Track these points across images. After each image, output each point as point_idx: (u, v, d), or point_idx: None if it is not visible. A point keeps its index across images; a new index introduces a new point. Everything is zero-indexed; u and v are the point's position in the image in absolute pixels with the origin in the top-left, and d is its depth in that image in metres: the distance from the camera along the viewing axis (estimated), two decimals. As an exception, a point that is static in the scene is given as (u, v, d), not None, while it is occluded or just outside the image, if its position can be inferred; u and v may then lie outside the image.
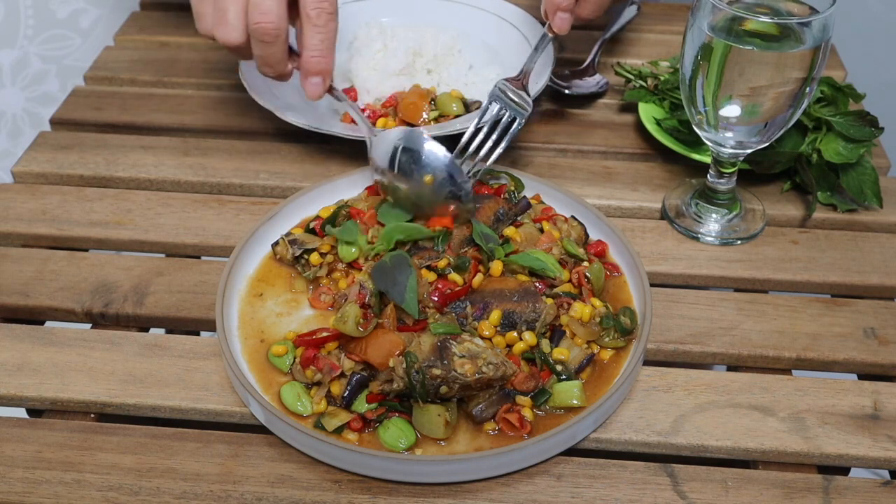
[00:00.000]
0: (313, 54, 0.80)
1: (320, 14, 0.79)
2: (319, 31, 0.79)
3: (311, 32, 0.80)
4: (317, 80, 0.82)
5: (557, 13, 0.88)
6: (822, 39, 0.74)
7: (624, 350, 0.73)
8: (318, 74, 0.82)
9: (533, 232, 0.79)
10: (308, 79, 0.82)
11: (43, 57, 1.45)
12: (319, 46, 0.80)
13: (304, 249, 0.79)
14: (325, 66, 0.81)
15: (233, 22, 0.79)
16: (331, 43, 0.81)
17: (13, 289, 0.82)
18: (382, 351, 0.68)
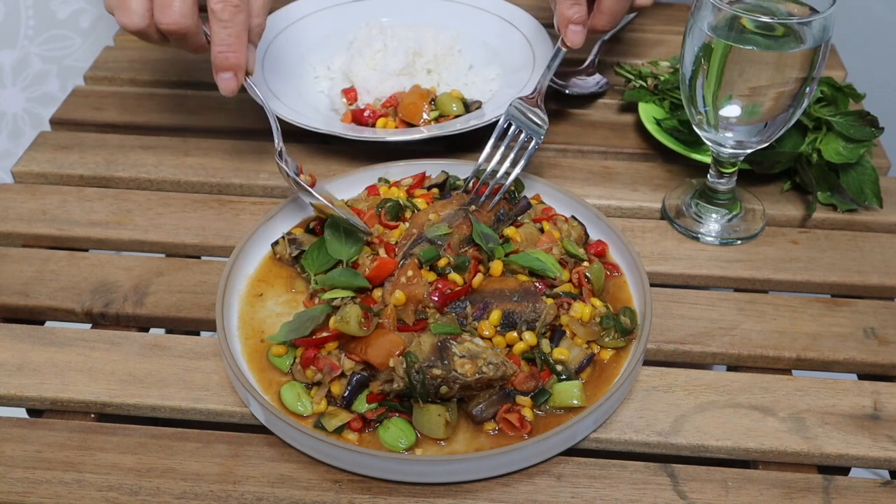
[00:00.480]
0: (220, 49, 0.79)
1: (224, 8, 0.77)
2: (225, 26, 0.78)
3: (216, 27, 0.78)
4: (227, 75, 0.80)
5: (570, 26, 0.86)
6: (822, 39, 0.73)
7: (624, 350, 0.73)
8: (228, 70, 0.80)
9: (533, 232, 0.79)
10: (218, 74, 0.80)
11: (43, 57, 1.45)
12: (227, 41, 0.78)
13: (302, 250, 0.79)
14: (235, 60, 0.79)
15: (134, 7, 0.77)
16: (239, 37, 0.79)
17: (13, 289, 0.82)
18: (383, 351, 0.68)
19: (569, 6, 0.85)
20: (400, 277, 0.72)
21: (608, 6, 0.87)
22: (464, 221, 0.77)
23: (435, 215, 0.78)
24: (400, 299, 0.71)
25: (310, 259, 0.78)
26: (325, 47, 1.08)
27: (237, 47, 0.79)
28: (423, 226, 0.77)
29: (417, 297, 0.71)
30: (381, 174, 0.88)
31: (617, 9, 0.87)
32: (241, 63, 0.80)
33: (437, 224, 0.77)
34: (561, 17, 0.86)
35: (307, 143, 0.98)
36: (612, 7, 0.87)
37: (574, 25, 0.86)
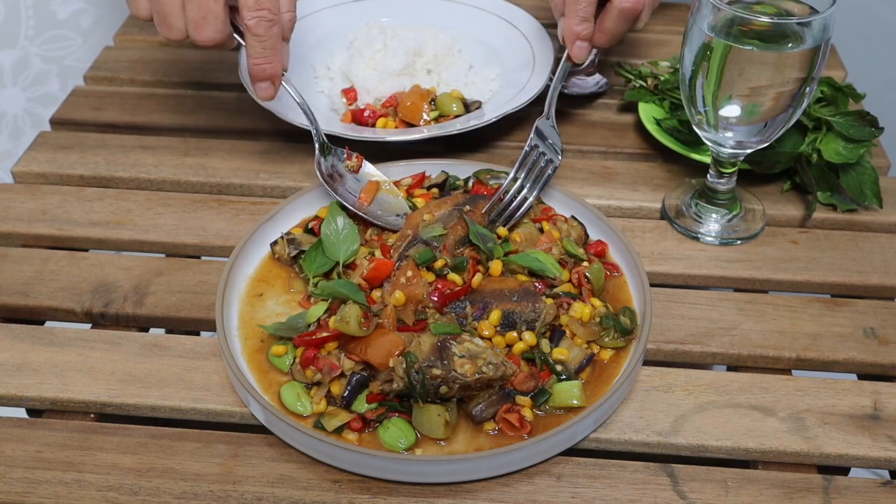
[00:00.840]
0: (257, 62, 0.80)
1: (259, 23, 0.78)
2: (261, 41, 0.79)
3: (251, 42, 0.79)
4: (265, 84, 0.82)
5: (577, 42, 0.88)
6: (822, 39, 0.73)
7: (624, 350, 0.73)
8: (265, 80, 0.82)
9: (533, 232, 0.79)
10: (256, 84, 0.82)
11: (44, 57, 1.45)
12: (263, 53, 0.80)
13: (301, 250, 0.79)
14: (272, 70, 0.81)
15: (176, 25, 0.80)
16: (274, 48, 0.80)
17: (13, 289, 0.82)
18: (382, 351, 0.68)
19: (578, 22, 0.87)
20: (399, 278, 0.72)
21: (609, 27, 0.88)
22: (458, 222, 0.77)
23: (430, 216, 0.78)
24: (400, 300, 0.70)
25: (308, 260, 0.78)
26: (325, 47, 1.08)
27: (273, 58, 0.81)
28: (418, 226, 0.77)
29: (417, 297, 0.71)
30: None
31: (617, 30, 0.88)
32: (278, 72, 0.82)
33: (431, 225, 0.77)
34: (569, 32, 0.88)
35: (307, 143, 0.98)
36: (613, 28, 0.88)
37: (581, 42, 0.88)
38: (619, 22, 0.87)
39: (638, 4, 0.86)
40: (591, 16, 0.87)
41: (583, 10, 0.87)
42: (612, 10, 0.87)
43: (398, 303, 0.71)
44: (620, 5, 0.86)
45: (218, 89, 1.09)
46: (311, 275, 0.77)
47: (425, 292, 0.71)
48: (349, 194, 0.83)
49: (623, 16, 0.87)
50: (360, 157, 0.85)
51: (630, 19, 0.87)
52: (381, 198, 0.83)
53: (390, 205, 0.83)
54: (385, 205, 0.82)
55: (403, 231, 0.78)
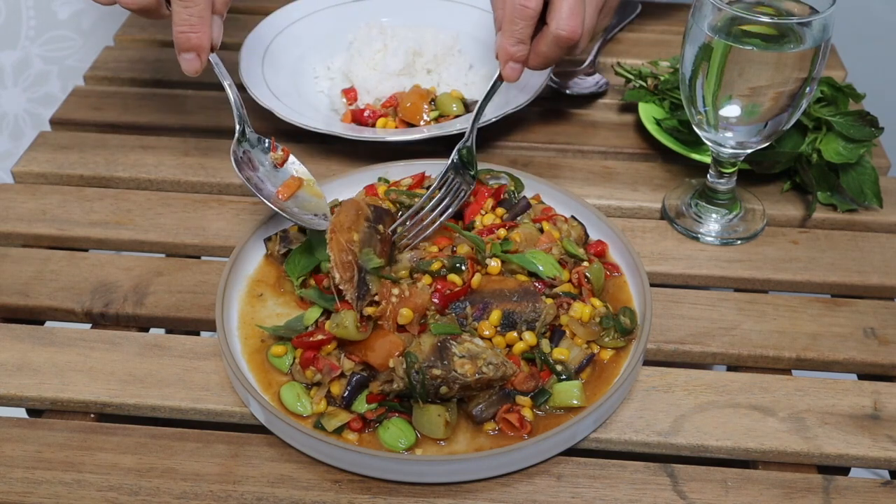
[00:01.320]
0: (182, 29, 0.77)
1: None
2: (186, 6, 0.76)
3: (177, 7, 0.77)
4: (190, 55, 0.79)
5: (509, 63, 0.85)
6: (822, 39, 0.73)
7: (624, 350, 0.73)
8: (190, 50, 0.79)
9: (532, 232, 0.78)
10: (181, 55, 0.79)
11: (44, 58, 1.45)
12: (188, 21, 0.77)
13: (290, 248, 0.79)
14: (197, 41, 0.78)
15: None
16: (201, 17, 0.77)
17: (13, 289, 0.82)
18: (382, 352, 0.68)
19: (513, 43, 0.84)
20: (390, 299, 0.71)
21: (543, 51, 0.85)
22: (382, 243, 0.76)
23: (355, 233, 0.74)
24: (408, 316, 0.70)
25: (291, 263, 0.78)
26: (325, 47, 1.08)
27: (199, 27, 0.77)
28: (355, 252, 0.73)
29: (423, 306, 0.70)
30: (380, 174, 0.88)
31: (551, 55, 0.85)
32: (204, 44, 0.79)
33: (365, 250, 0.74)
34: (503, 51, 0.85)
35: (307, 143, 0.98)
36: (547, 53, 0.85)
37: (514, 63, 0.85)
38: (554, 48, 0.85)
39: (574, 34, 0.83)
40: (527, 38, 0.84)
41: (519, 32, 0.84)
42: (549, 35, 0.84)
43: (406, 320, 0.70)
44: (556, 33, 0.83)
45: (218, 89, 1.08)
46: (293, 277, 0.77)
47: (428, 298, 0.71)
48: (266, 186, 0.78)
49: (558, 43, 0.84)
50: (286, 151, 0.82)
51: (565, 48, 0.85)
52: (301, 195, 0.79)
53: (309, 203, 0.79)
54: (304, 202, 0.78)
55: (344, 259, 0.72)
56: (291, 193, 0.78)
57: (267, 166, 0.80)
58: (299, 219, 0.76)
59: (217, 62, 0.81)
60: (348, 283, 0.71)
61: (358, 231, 0.74)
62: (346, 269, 0.71)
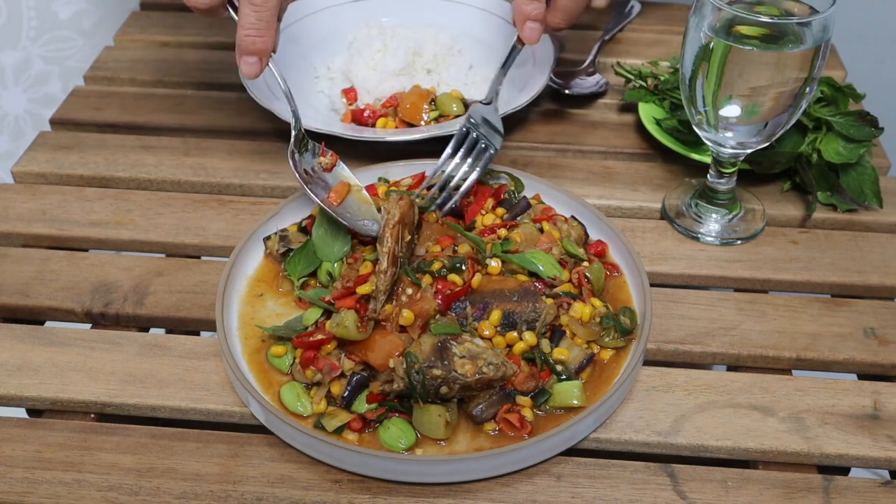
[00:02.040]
0: (248, 33, 0.77)
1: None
2: (256, 10, 0.76)
3: (246, 11, 0.76)
4: (252, 59, 0.79)
5: (527, 23, 0.84)
6: (822, 39, 0.73)
7: (624, 350, 0.73)
8: (253, 55, 0.78)
9: (533, 232, 0.78)
10: (242, 58, 0.79)
11: (45, 58, 1.45)
12: (256, 25, 0.76)
13: (289, 248, 0.79)
14: (262, 45, 0.78)
15: None
16: (269, 22, 0.77)
17: (13, 289, 0.82)
18: (383, 352, 0.68)
19: (527, 2, 0.83)
20: (401, 297, 0.71)
21: (563, 4, 0.85)
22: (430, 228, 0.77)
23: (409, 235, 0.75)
24: (409, 319, 0.70)
25: (292, 263, 0.78)
26: (325, 47, 1.08)
27: (266, 32, 0.77)
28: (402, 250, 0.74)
29: (427, 312, 0.70)
30: (381, 174, 0.88)
31: (572, 7, 0.85)
32: (268, 48, 0.78)
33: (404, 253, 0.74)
34: (518, 13, 0.84)
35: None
36: (568, 5, 0.84)
37: (532, 22, 0.84)
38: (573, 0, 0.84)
39: None
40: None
41: None
42: None
43: (408, 322, 0.70)
44: None
45: (218, 89, 1.09)
46: (294, 278, 0.77)
47: (434, 305, 0.71)
48: (320, 191, 0.79)
49: None
50: (335, 156, 0.82)
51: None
52: (351, 201, 0.79)
53: (360, 210, 0.79)
54: (353, 209, 0.79)
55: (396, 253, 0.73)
56: (342, 198, 0.78)
57: (316, 170, 0.81)
58: (353, 224, 0.77)
59: (273, 63, 0.82)
60: (386, 275, 0.71)
61: (410, 233, 0.75)
62: (392, 263, 0.72)
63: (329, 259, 0.77)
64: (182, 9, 1.24)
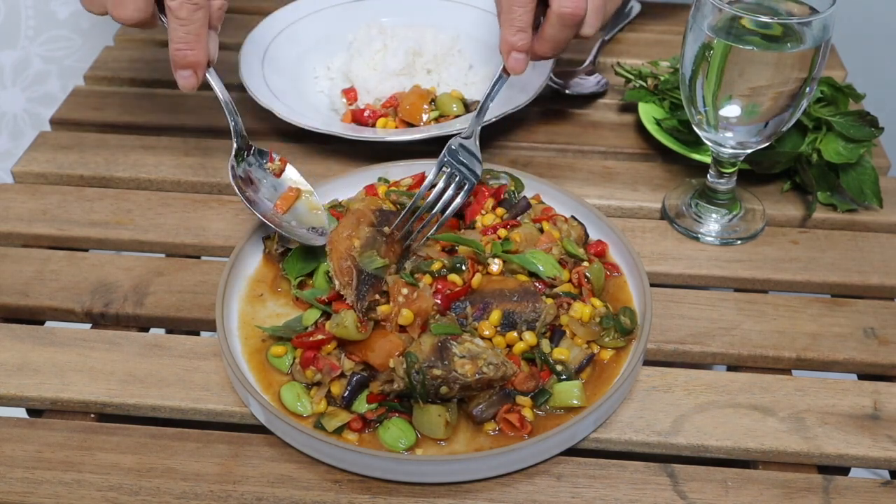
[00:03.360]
0: (178, 47, 0.76)
1: (182, 6, 0.75)
2: (183, 24, 0.75)
3: (173, 24, 0.76)
4: (186, 73, 0.78)
5: (512, 54, 0.82)
6: (822, 39, 0.73)
7: (624, 350, 0.73)
8: (186, 68, 0.78)
9: (533, 232, 0.78)
10: (177, 71, 0.78)
11: (44, 57, 1.45)
12: (185, 38, 0.76)
13: (288, 248, 0.79)
14: (194, 58, 0.77)
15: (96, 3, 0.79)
16: (198, 35, 0.76)
17: (13, 289, 0.82)
18: (383, 352, 0.68)
19: (513, 32, 0.81)
20: (397, 297, 0.71)
21: (550, 34, 0.82)
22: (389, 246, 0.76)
23: (356, 240, 0.75)
24: (408, 318, 0.70)
25: (291, 263, 0.78)
26: (325, 47, 1.08)
27: (195, 45, 0.77)
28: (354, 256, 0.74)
29: (425, 311, 0.70)
30: (381, 174, 0.88)
31: (559, 37, 0.82)
32: (201, 60, 0.78)
33: (366, 254, 0.74)
34: (504, 42, 0.82)
35: (307, 143, 0.98)
36: (555, 35, 0.82)
37: (517, 53, 0.82)
38: (561, 28, 0.82)
39: (579, 9, 0.80)
40: (527, 25, 0.81)
41: (518, 19, 0.81)
42: (552, 16, 0.81)
43: (407, 322, 0.70)
44: (559, 10, 0.80)
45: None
46: (292, 277, 0.77)
47: (432, 304, 0.71)
48: (264, 201, 0.78)
49: (563, 21, 0.81)
50: (283, 160, 0.80)
51: (572, 25, 0.82)
52: (299, 208, 0.77)
53: (307, 216, 0.77)
54: (302, 216, 0.77)
55: (340, 262, 0.73)
56: (289, 206, 0.77)
57: (268, 179, 0.80)
58: (295, 234, 0.76)
59: (214, 77, 0.81)
60: (347, 287, 0.72)
61: (359, 237, 0.74)
62: (345, 274, 0.72)
63: (323, 260, 0.77)
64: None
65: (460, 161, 0.82)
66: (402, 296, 0.71)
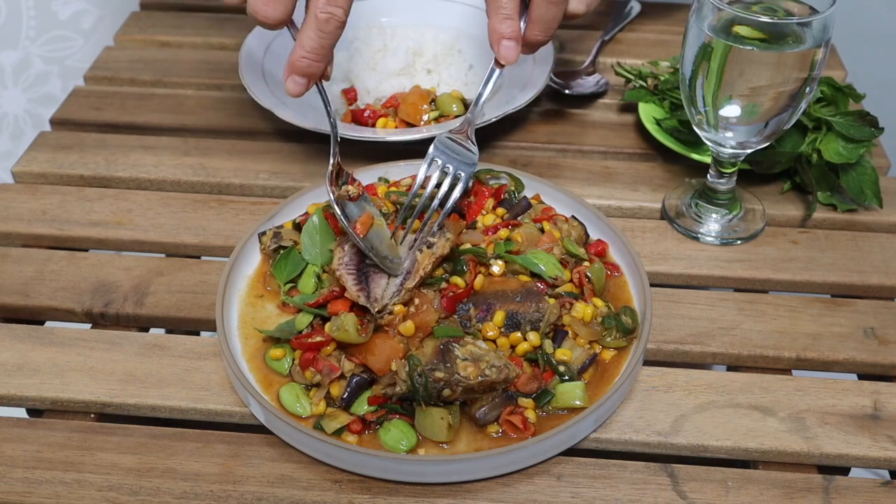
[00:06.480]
0: (306, 55, 0.77)
1: (329, 20, 0.75)
2: (321, 37, 0.76)
3: (311, 34, 0.76)
4: (301, 80, 0.78)
5: (502, 42, 0.81)
6: (822, 39, 0.73)
7: (625, 350, 0.73)
8: (305, 77, 0.78)
9: (534, 232, 0.78)
10: (292, 76, 0.78)
11: (45, 58, 1.45)
12: (316, 49, 0.76)
13: (281, 245, 0.79)
14: (316, 69, 0.78)
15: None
16: (327, 50, 0.77)
17: (13, 289, 0.82)
18: (383, 356, 0.68)
19: (500, 21, 0.80)
20: (409, 306, 0.71)
21: (539, 15, 0.81)
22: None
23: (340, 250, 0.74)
24: (409, 330, 0.69)
25: (279, 268, 0.77)
26: (326, 47, 1.08)
27: (322, 58, 0.77)
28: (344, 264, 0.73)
29: (427, 324, 0.70)
30: (381, 174, 0.88)
31: (548, 17, 0.81)
32: (317, 74, 0.79)
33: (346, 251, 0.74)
34: (493, 32, 0.81)
35: (307, 143, 0.98)
36: (543, 15, 0.80)
37: (507, 41, 0.80)
38: (548, 7, 0.80)
39: None
40: (515, 13, 0.79)
41: (505, 8, 0.79)
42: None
43: (408, 332, 0.69)
44: None
45: (218, 89, 1.09)
46: (281, 282, 0.77)
47: (436, 318, 0.70)
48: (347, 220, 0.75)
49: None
50: (361, 185, 0.78)
51: (558, 2, 0.80)
52: (374, 234, 0.75)
53: (382, 245, 0.75)
54: (377, 242, 0.74)
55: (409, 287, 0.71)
56: (367, 230, 0.74)
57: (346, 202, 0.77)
58: (380, 261, 0.73)
59: (322, 91, 0.81)
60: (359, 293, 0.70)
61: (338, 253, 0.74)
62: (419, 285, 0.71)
63: (314, 261, 0.76)
64: (182, 9, 1.24)
65: (451, 154, 0.80)
66: (413, 305, 0.70)
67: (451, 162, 0.80)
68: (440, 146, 0.81)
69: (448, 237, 0.73)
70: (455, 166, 0.79)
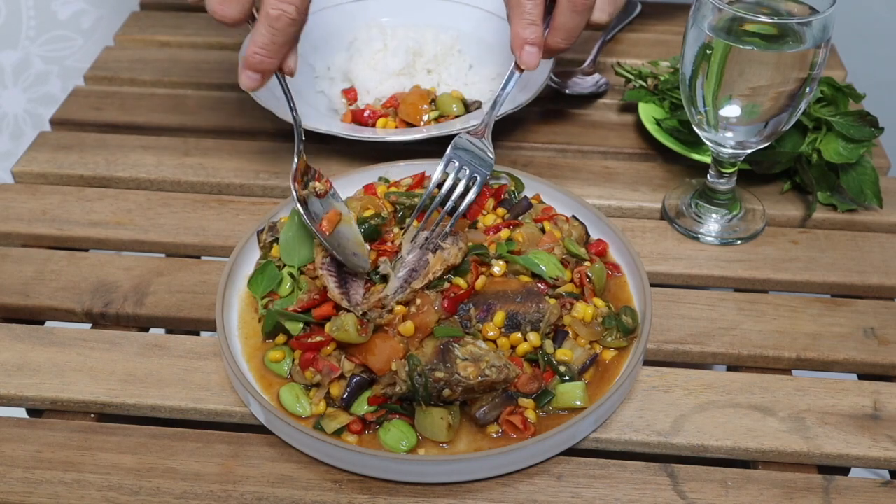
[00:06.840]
0: (259, 52, 0.77)
1: (281, 17, 0.75)
2: (273, 34, 0.76)
3: (263, 31, 0.76)
4: (254, 75, 0.79)
5: (525, 48, 0.80)
6: (822, 39, 0.73)
7: (625, 350, 0.73)
8: (258, 72, 0.79)
9: (534, 232, 0.78)
10: (245, 71, 0.79)
11: (44, 58, 1.45)
12: (267, 45, 0.77)
13: (276, 238, 0.79)
14: (269, 66, 0.78)
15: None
16: (282, 46, 0.77)
17: (13, 289, 0.82)
18: (383, 356, 0.68)
19: (524, 26, 0.80)
20: (410, 307, 0.71)
21: (562, 22, 0.81)
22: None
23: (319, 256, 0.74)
24: (409, 330, 0.69)
25: (255, 283, 0.76)
26: (325, 47, 1.08)
27: (276, 55, 0.78)
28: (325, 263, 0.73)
29: (427, 325, 0.70)
30: (381, 174, 0.88)
31: (571, 25, 0.81)
32: (271, 70, 0.79)
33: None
34: (515, 37, 0.81)
35: (307, 143, 0.98)
36: (567, 23, 0.81)
37: (530, 47, 0.80)
38: (572, 16, 0.80)
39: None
40: (538, 19, 0.80)
41: (529, 13, 0.79)
42: (563, 4, 0.80)
43: (408, 333, 0.69)
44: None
45: (218, 89, 1.09)
46: (257, 297, 0.76)
47: (436, 319, 0.70)
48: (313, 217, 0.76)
49: (574, 7, 0.79)
50: (328, 182, 0.79)
51: (582, 11, 0.80)
52: (342, 230, 0.75)
53: (350, 242, 0.75)
54: (344, 239, 0.75)
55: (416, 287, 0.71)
56: (333, 227, 0.75)
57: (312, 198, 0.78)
58: (345, 258, 0.73)
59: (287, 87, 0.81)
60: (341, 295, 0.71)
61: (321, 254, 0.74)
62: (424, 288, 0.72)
63: (291, 263, 0.76)
64: (182, 9, 1.24)
65: (468, 155, 0.81)
66: (415, 306, 0.70)
67: (469, 165, 0.80)
68: (459, 147, 0.81)
69: (461, 247, 0.73)
70: (472, 170, 0.80)
